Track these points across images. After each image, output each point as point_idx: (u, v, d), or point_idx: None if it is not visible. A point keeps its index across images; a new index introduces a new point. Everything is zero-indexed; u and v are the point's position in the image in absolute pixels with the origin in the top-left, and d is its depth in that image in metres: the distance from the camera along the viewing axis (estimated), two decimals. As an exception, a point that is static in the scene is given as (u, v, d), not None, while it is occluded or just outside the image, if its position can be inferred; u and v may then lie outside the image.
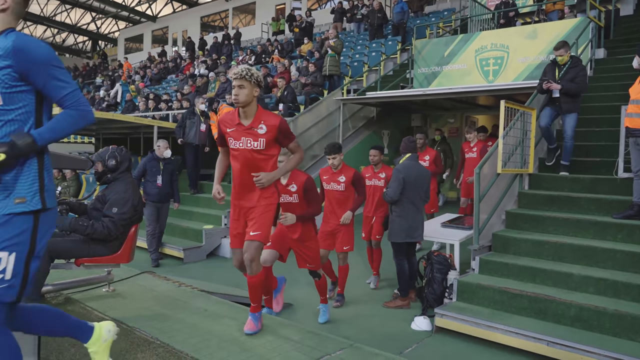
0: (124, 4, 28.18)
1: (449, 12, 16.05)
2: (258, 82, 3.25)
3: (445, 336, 4.51)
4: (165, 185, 7.09)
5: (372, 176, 5.81)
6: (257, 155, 3.24)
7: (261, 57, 15.95)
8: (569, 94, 5.80)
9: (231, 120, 3.30)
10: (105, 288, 4.32)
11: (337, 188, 5.03)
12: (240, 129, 3.26)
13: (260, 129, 3.22)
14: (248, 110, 3.25)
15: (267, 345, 3.20)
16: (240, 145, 3.25)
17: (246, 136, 3.23)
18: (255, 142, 3.22)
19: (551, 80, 5.85)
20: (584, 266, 4.65)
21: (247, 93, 3.20)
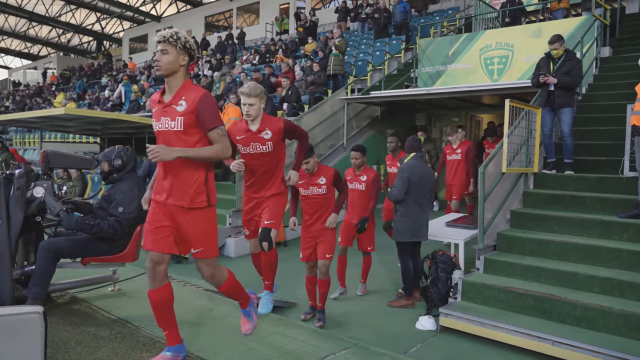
0: (128, 4, 28.24)
1: (454, 10, 15.99)
2: (187, 49, 2.76)
3: (450, 336, 4.50)
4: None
5: (353, 179, 5.36)
6: (181, 136, 2.71)
7: (265, 56, 15.96)
8: (565, 87, 5.77)
9: (154, 99, 2.84)
10: (111, 287, 4.35)
11: (317, 192, 4.50)
12: (160, 106, 2.77)
13: (180, 105, 2.70)
14: (172, 82, 2.75)
15: (272, 344, 3.21)
16: (160, 127, 2.76)
17: (165, 115, 2.74)
18: (172, 122, 2.71)
19: (547, 74, 5.83)
20: (589, 266, 4.64)
21: (170, 60, 2.72)
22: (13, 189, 3.40)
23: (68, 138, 16.26)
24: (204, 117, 2.67)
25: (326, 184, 4.50)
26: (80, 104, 20.08)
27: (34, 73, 34.48)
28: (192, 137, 2.69)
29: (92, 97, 20.59)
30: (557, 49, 5.87)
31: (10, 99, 25.16)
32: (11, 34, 33.76)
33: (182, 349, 2.92)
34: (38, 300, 3.41)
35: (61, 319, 3.60)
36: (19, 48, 36.90)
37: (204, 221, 2.79)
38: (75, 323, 3.54)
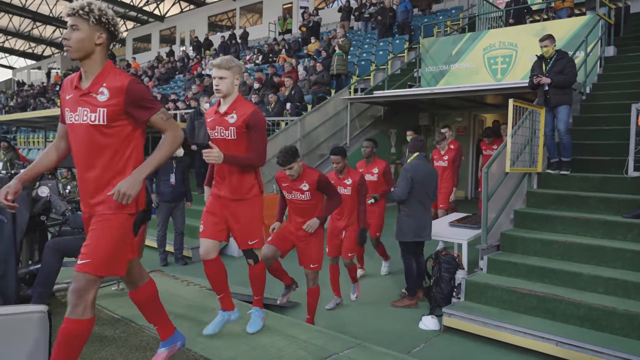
0: (132, 4, 28.30)
1: (457, 10, 15.97)
2: (104, 24, 2.28)
3: (453, 336, 4.50)
4: (179, 184, 7.04)
5: (337, 183, 4.98)
6: (99, 133, 2.27)
7: (268, 56, 15.97)
8: (559, 86, 5.75)
9: (66, 84, 2.39)
10: (115, 286, 4.36)
11: (300, 197, 4.15)
12: (76, 93, 2.30)
13: (101, 94, 2.25)
14: (88, 65, 2.28)
15: (275, 344, 3.21)
16: (76, 119, 2.28)
17: (83, 105, 2.27)
18: (93, 115, 2.25)
19: (540, 75, 5.82)
20: (593, 266, 4.63)
21: (81, 37, 2.23)
22: (44, 190, 3.43)
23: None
24: (135, 106, 2.25)
25: (309, 190, 4.08)
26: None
27: (38, 73, 34.60)
28: (112, 127, 2.24)
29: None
30: (547, 46, 5.86)
31: (15, 98, 25.25)
32: (15, 34, 33.89)
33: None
34: (43, 299, 3.43)
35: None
36: (23, 48, 37.03)
37: None
38: (79, 322, 3.55)
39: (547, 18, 11.15)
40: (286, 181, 4.16)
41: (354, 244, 5.05)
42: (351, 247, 5.07)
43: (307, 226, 4.09)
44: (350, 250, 5.11)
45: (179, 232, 7.23)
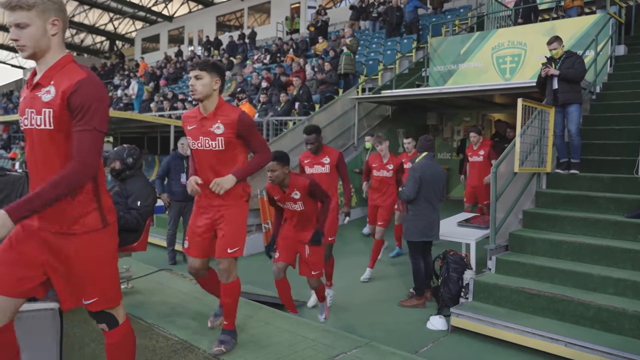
0: (140, 4, 28.46)
1: (465, 9, 15.89)
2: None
3: (461, 336, 4.48)
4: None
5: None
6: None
7: (276, 56, 15.99)
8: (567, 79, 5.70)
9: None
10: (124, 285, 4.39)
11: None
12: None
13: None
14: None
15: (284, 343, 3.22)
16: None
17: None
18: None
19: (549, 65, 5.79)
20: (603, 266, 4.59)
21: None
22: None
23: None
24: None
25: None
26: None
27: (47, 73, 34.82)
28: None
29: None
30: (556, 48, 5.83)
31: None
32: (26, 35, 34.16)
33: None
34: None
35: (75, 315, 3.64)
36: (34, 48, 37.32)
37: None
38: (89, 320, 3.58)
39: (557, 17, 11.08)
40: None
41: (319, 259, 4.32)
42: (317, 262, 4.29)
43: None
44: (315, 267, 4.30)
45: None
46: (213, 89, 2.93)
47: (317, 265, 4.27)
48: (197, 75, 2.90)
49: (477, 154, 7.14)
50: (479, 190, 7.03)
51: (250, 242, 7.61)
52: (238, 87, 12.69)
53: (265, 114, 10.91)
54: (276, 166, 3.80)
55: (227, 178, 2.91)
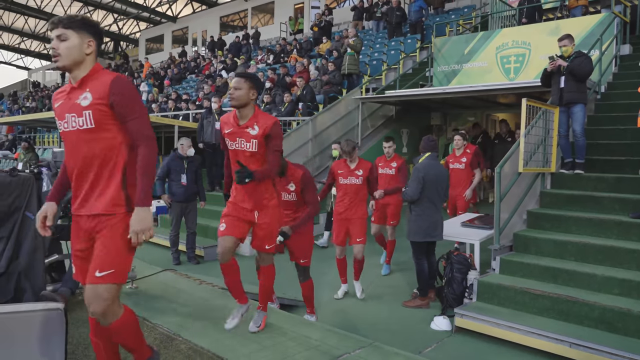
0: (144, 5, 28.54)
1: (469, 9, 15.86)
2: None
3: (465, 336, 4.48)
4: (191, 184, 7.05)
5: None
6: None
7: (280, 56, 16.01)
8: (573, 74, 5.66)
9: None
10: (129, 285, 4.41)
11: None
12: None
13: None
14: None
15: (287, 343, 3.23)
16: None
17: None
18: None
19: (557, 55, 5.76)
20: (607, 267, 4.58)
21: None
22: (46, 185, 3.49)
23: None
24: None
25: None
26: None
27: (52, 74, 35.04)
28: None
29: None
30: (566, 45, 5.80)
31: (30, 99, 25.61)
32: (31, 36, 34.37)
33: None
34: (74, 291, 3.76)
35: (81, 315, 3.66)
36: (39, 49, 37.52)
37: None
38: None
39: (561, 16, 11.04)
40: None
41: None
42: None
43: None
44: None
45: (191, 231, 7.26)
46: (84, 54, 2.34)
47: None
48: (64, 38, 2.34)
49: (459, 161, 6.65)
50: (459, 199, 6.60)
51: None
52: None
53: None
54: (242, 84, 3.20)
55: None
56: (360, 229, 5.28)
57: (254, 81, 3.18)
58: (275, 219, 3.34)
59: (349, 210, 5.27)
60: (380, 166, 6.33)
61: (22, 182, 3.14)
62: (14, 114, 21.87)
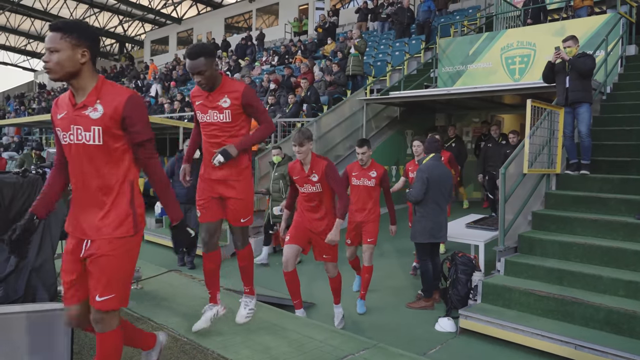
0: (150, 6, 28.66)
1: (474, 10, 15.83)
2: None
3: (470, 338, 4.47)
4: (194, 186, 7.05)
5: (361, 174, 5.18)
6: None
7: (284, 57, 16.03)
8: (576, 70, 5.64)
9: None
10: (134, 285, 4.42)
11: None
12: None
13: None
14: None
15: (291, 345, 3.23)
16: None
17: None
18: None
19: (561, 50, 5.73)
20: (613, 268, 4.56)
21: None
22: None
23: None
24: None
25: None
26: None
27: (58, 75, 35.20)
28: None
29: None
30: (570, 46, 5.78)
31: (36, 100, 25.76)
32: (37, 38, 34.58)
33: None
34: None
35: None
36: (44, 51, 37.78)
37: None
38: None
39: (567, 17, 11.00)
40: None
41: None
42: None
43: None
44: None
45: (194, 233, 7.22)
46: None
47: None
48: None
49: None
50: None
51: (256, 244, 7.64)
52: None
53: (274, 116, 10.94)
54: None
55: None
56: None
57: None
58: None
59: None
60: (355, 176, 5.18)
61: (32, 182, 3.18)
62: (21, 116, 22.00)
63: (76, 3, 29.57)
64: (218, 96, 3.06)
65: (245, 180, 3.25)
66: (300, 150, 4.06)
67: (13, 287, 3.09)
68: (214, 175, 3.23)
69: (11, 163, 14.31)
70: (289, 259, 4.29)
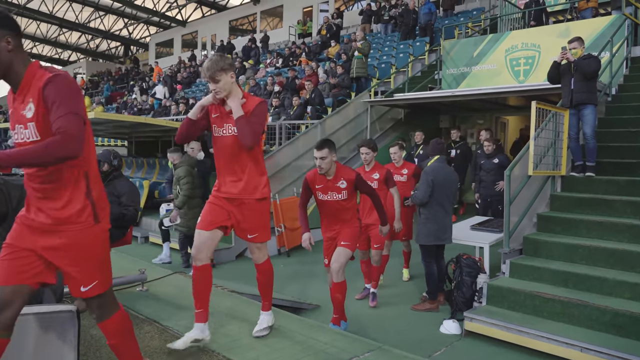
0: (155, 9, 28.79)
1: (478, 11, 15.82)
2: None
3: (475, 340, 4.46)
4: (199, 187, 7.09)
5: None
6: None
7: (289, 60, 16.07)
8: (580, 70, 5.63)
9: None
10: (139, 287, 4.45)
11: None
12: None
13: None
14: None
15: (296, 347, 3.23)
16: None
17: None
18: None
19: (567, 50, 5.72)
20: (619, 271, 4.54)
21: None
22: None
23: (97, 141, 16.68)
24: None
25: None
26: (108, 107, 20.56)
27: (63, 78, 35.42)
28: None
29: (120, 102, 21.06)
30: (575, 48, 5.77)
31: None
32: (43, 41, 34.83)
33: None
34: None
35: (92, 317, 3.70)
36: (50, 54, 38.01)
37: None
38: (105, 322, 3.64)
39: (571, 18, 10.98)
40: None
41: None
42: None
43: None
44: None
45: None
46: None
47: None
48: None
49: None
50: (372, 230, 5.21)
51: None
52: (250, 92, 12.77)
53: (278, 118, 10.96)
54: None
55: None
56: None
57: None
58: None
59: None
60: None
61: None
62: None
63: (81, 6, 29.73)
64: None
65: None
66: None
67: None
68: None
69: (17, 165, 14.41)
70: None
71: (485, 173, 7.34)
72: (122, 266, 5.00)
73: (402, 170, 5.96)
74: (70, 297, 3.92)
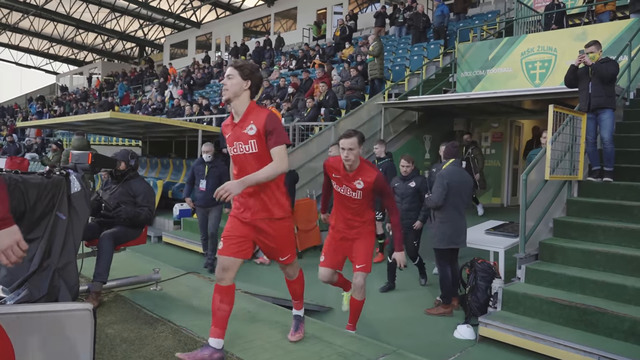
0: (169, 11, 29.01)
1: (493, 14, 15.70)
2: None
3: (490, 346, 4.41)
4: (211, 190, 7.09)
5: None
6: None
7: (302, 61, 16.09)
8: (598, 74, 5.55)
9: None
10: (153, 287, 4.47)
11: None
12: None
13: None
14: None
15: (310, 349, 3.22)
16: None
17: None
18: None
19: (585, 54, 5.64)
20: (638, 278, 4.46)
21: None
22: (75, 186, 3.57)
23: (112, 141, 16.84)
24: None
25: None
26: (123, 108, 20.77)
27: (79, 78, 35.86)
28: None
29: (134, 101, 21.25)
30: (593, 52, 5.69)
31: (58, 103, 26.21)
32: (59, 41, 35.26)
33: None
34: (104, 279, 4.04)
35: (107, 316, 3.73)
36: (67, 54, 38.48)
37: None
38: (119, 321, 3.66)
39: (588, 22, 10.85)
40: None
41: None
42: None
43: None
44: None
45: (210, 235, 7.22)
46: None
47: None
48: None
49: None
50: None
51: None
52: (263, 94, 12.80)
53: (292, 120, 10.97)
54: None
55: None
56: None
57: None
58: None
59: None
60: None
61: (56, 183, 3.23)
62: (43, 118, 22.42)
63: (98, 7, 30.07)
64: None
65: None
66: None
67: (37, 286, 3.14)
68: None
69: (33, 164, 14.59)
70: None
71: (399, 199, 5.90)
72: (136, 266, 5.04)
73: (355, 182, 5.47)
74: (85, 295, 3.95)
